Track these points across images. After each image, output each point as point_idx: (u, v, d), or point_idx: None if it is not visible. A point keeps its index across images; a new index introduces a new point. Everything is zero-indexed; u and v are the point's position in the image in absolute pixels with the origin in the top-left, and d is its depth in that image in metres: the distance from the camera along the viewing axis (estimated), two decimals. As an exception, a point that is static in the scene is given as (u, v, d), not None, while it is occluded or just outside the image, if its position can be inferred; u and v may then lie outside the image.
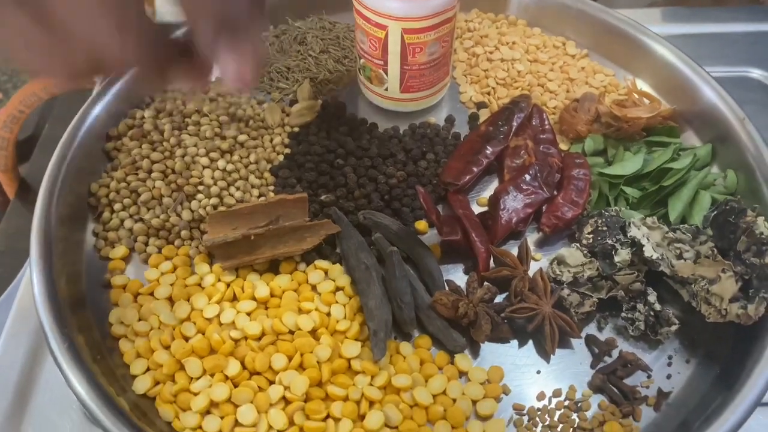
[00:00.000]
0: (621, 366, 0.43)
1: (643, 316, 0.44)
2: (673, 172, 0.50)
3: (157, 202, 0.50)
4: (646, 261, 0.44)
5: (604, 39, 0.63)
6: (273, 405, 0.40)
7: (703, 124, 0.56)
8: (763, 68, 0.69)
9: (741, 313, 0.41)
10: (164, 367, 0.41)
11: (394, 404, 0.40)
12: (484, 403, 0.41)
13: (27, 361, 0.49)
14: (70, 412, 0.46)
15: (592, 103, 0.56)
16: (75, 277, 0.47)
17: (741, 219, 0.44)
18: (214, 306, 0.44)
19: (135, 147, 0.52)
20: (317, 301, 0.45)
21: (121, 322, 0.44)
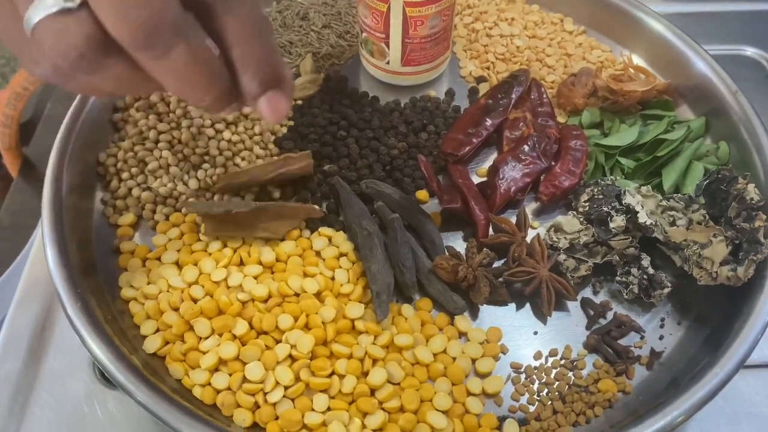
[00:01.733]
0: (615, 327, 0.44)
1: (637, 279, 0.45)
2: (667, 143, 0.52)
3: (164, 171, 0.51)
4: (640, 227, 0.46)
5: (601, 16, 0.64)
6: (280, 362, 0.41)
7: (697, 97, 0.57)
8: (756, 46, 0.70)
9: (731, 276, 0.43)
10: (173, 327, 0.43)
11: (396, 362, 0.42)
12: (483, 362, 0.43)
13: (37, 328, 0.50)
14: (80, 374, 0.48)
15: (589, 78, 0.57)
16: (85, 243, 0.48)
17: (732, 186, 0.46)
18: (221, 270, 0.45)
19: (142, 118, 0.53)
20: (321, 266, 0.46)
21: (131, 285, 0.46)
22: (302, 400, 0.40)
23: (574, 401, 0.41)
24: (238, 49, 0.30)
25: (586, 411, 0.41)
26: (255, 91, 0.32)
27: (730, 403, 0.47)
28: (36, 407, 0.47)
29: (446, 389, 0.41)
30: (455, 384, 0.41)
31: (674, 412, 0.37)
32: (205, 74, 0.30)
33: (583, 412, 0.41)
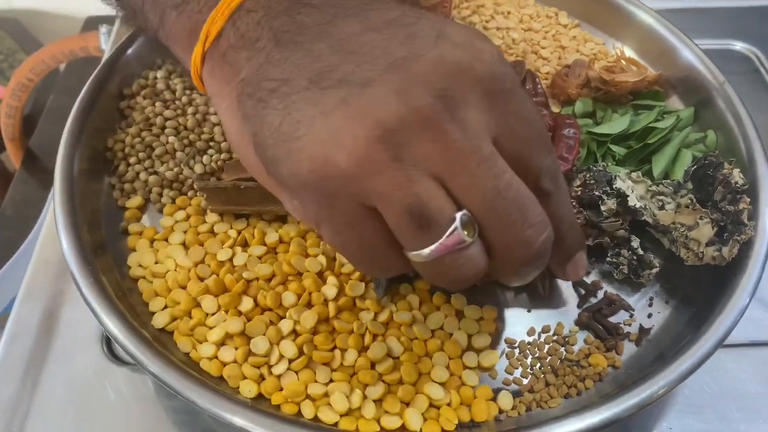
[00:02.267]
0: (606, 305, 0.46)
1: (627, 260, 0.47)
2: (657, 131, 0.54)
3: (170, 156, 0.52)
4: (630, 210, 0.48)
5: (595, 10, 0.66)
6: (284, 337, 0.43)
7: (686, 88, 0.59)
8: (745, 41, 0.73)
9: (716, 256, 0.45)
10: (181, 304, 0.44)
11: (395, 337, 0.43)
12: (479, 338, 0.44)
13: (47, 308, 0.52)
14: (90, 351, 0.50)
15: (583, 69, 0.59)
16: (95, 225, 0.49)
17: (719, 171, 0.48)
18: (227, 250, 0.47)
19: (148, 105, 0.55)
20: (323, 247, 0.48)
21: (140, 264, 0.47)
22: (305, 372, 0.42)
23: (566, 375, 0.43)
24: (566, 224, 0.32)
25: (577, 384, 0.43)
26: (567, 258, 0.35)
27: (717, 380, 0.49)
28: (47, 383, 0.48)
29: (443, 363, 0.43)
30: (452, 358, 0.43)
31: (659, 383, 0.39)
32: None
33: (574, 384, 0.43)
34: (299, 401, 0.41)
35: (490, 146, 0.28)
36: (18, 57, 1.36)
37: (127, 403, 0.48)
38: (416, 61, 0.27)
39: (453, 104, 0.27)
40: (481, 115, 0.28)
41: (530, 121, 0.29)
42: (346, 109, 0.27)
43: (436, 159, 0.27)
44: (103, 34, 0.76)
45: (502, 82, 0.28)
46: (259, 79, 0.29)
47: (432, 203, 0.27)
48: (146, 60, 0.59)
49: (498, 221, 0.28)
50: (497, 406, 0.42)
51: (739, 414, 0.46)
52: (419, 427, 0.40)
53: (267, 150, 0.29)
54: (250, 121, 0.30)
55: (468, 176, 0.27)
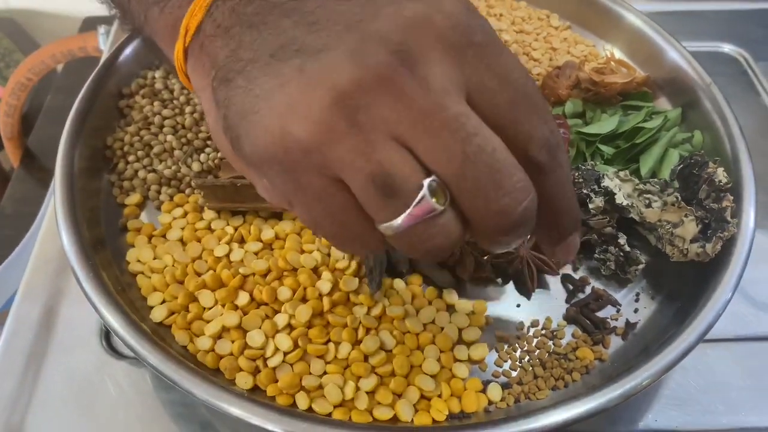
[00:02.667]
0: (593, 300, 0.47)
1: (614, 256, 0.48)
2: (644, 131, 0.55)
3: (168, 154, 0.53)
4: (617, 208, 0.49)
5: (586, 12, 0.67)
6: (279, 330, 0.44)
7: (674, 90, 0.60)
8: (733, 43, 0.74)
9: (700, 252, 0.46)
10: (179, 298, 0.45)
11: (388, 331, 0.44)
12: (469, 331, 0.45)
13: (47, 303, 0.53)
14: (89, 345, 0.51)
15: (573, 71, 0.60)
16: (94, 221, 0.50)
17: (703, 170, 0.49)
18: (223, 246, 0.48)
19: (147, 104, 0.56)
20: (318, 243, 0.49)
21: (138, 260, 0.48)
22: (300, 364, 0.43)
23: (554, 367, 0.44)
24: (556, 201, 0.29)
25: (564, 376, 0.44)
26: (563, 237, 0.32)
27: (701, 374, 0.50)
28: (47, 377, 0.49)
29: (434, 356, 0.44)
30: (443, 351, 0.44)
31: (643, 374, 0.40)
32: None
33: (562, 377, 0.44)
34: (294, 393, 0.42)
35: (459, 105, 0.26)
36: (15, 57, 1.36)
37: (126, 396, 0.49)
38: (372, 20, 0.26)
39: (412, 60, 0.25)
40: (448, 71, 0.26)
41: (512, 80, 0.27)
42: (301, 78, 0.26)
43: (398, 121, 0.25)
44: (101, 34, 0.77)
45: (469, 35, 0.26)
46: (230, 62, 0.28)
47: (396, 170, 0.25)
48: (144, 60, 0.60)
49: (468, 188, 0.26)
50: (487, 398, 0.43)
51: (722, 407, 0.48)
52: (411, 417, 0.41)
53: (231, 130, 0.28)
54: (220, 105, 0.29)
55: (432, 138, 0.25)
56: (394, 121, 0.25)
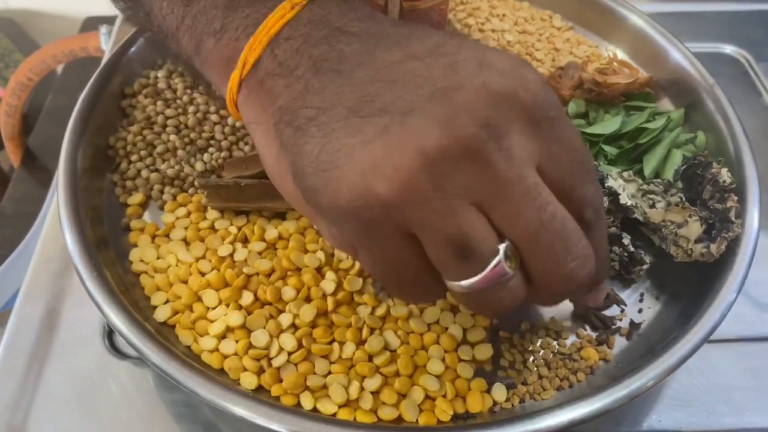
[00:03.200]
0: (597, 300, 0.47)
1: (618, 257, 0.48)
2: (648, 132, 0.55)
3: (171, 154, 0.53)
4: (621, 208, 0.49)
5: (588, 13, 0.67)
6: (283, 330, 0.44)
7: (676, 90, 0.60)
8: (735, 44, 0.74)
9: (704, 252, 0.46)
10: (183, 298, 0.45)
11: (392, 331, 0.44)
12: (474, 331, 0.45)
13: (49, 303, 0.53)
14: (92, 345, 0.51)
15: (576, 71, 0.60)
16: (97, 221, 0.50)
17: (707, 171, 0.49)
18: (227, 246, 0.48)
19: (150, 104, 0.56)
20: (321, 243, 0.49)
21: (141, 260, 0.48)
22: (305, 364, 0.43)
23: (558, 368, 0.44)
24: (600, 254, 0.31)
25: (569, 377, 0.44)
26: (597, 283, 0.35)
27: (705, 374, 0.50)
28: (50, 376, 0.49)
29: (439, 356, 0.44)
30: (447, 351, 0.44)
31: (648, 375, 0.40)
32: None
33: (567, 377, 0.44)
34: (298, 393, 0.42)
35: (535, 176, 0.28)
36: (14, 57, 1.36)
37: (129, 396, 0.48)
38: (459, 89, 0.27)
39: (497, 134, 0.27)
40: (526, 144, 0.27)
41: (575, 150, 0.29)
42: (388, 139, 0.27)
43: (480, 189, 0.27)
44: (103, 34, 0.77)
45: (547, 110, 0.28)
46: (298, 106, 0.29)
47: (474, 234, 0.27)
48: (147, 60, 0.60)
49: (541, 253, 0.28)
50: (491, 398, 0.43)
51: (726, 407, 0.48)
52: (415, 418, 0.41)
53: (306, 179, 0.28)
54: (288, 149, 0.29)
55: (512, 206, 0.27)
56: (477, 188, 0.27)
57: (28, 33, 1.39)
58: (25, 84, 0.85)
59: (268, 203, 0.50)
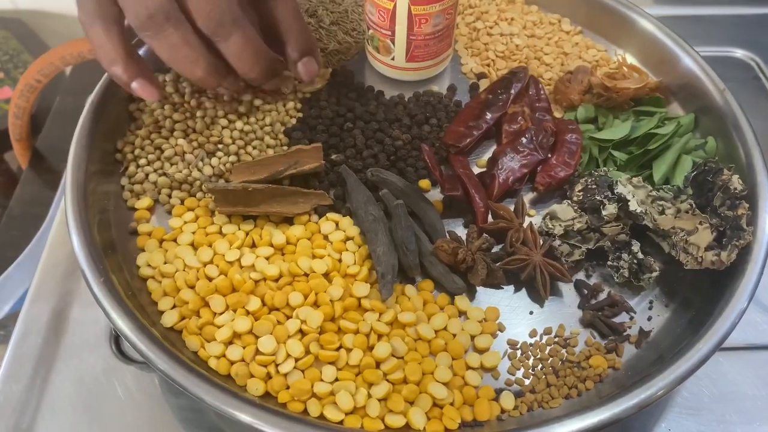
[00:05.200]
0: (608, 306, 0.47)
1: (627, 263, 0.48)
2: (657, 137, 0.54)
3: (179, 158, 0.53)
4: (630, 215, 0.49)
5: (597, 17, 0.66)
6: (291, 336, 0.44)
7: (686, 95, 0.60)
8: (745, 48, 0.73)
9: (715, 260, 0.45)
10: (190, 303, 0.45)
11: (400, 338, 0.44)
12: (481, 338, 0.45)
13: (56, 307, 0.53)
14: (98, 350, 0.51)
15: (585, 75, 0.60)
16: (105, 225, 0.50)
17: (718, 177, 0.49)
18: (234, 251, 0.48)
19: (158, 108, 0.56)
20: (329, 249, 0.49)
21: (149, 264, 0.48)
22: (312, 371, 0.42)
23: (567, 376, 0.44)
24: (284, 24, 0.47)
25: (577, 385, 0.43)
26: (295, 57, 0.51)
27: (715, 383, 0.49)
28: (56, 380, 0.49)
29: (447, 363, 0.44)
30: (455, 358, 0.44)
31: (658, 384, 0.40)
32: (256, 53, 0.47)
33: (575, 385, 0.43)
34: (305, 399, 0.41)
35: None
36: (23, 57, 1.36)
37: (135, 400, 0.48)
38: None
39: None
40: None
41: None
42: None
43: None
44: (111, 36, 0.77)
45: None
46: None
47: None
48: (155, 63, 0.60)
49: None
50: (499, 406, 0.42)
51: (736, 416, 0.47)
52: (423, 425, 0.41)
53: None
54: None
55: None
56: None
57: (37, 33, 1.39)
58: (34, 86, 0.85)
59: (276, 208, 0.50)
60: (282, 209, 0.50)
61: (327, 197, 0.51)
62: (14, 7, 1.46)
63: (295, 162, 0.51)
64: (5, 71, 1.39)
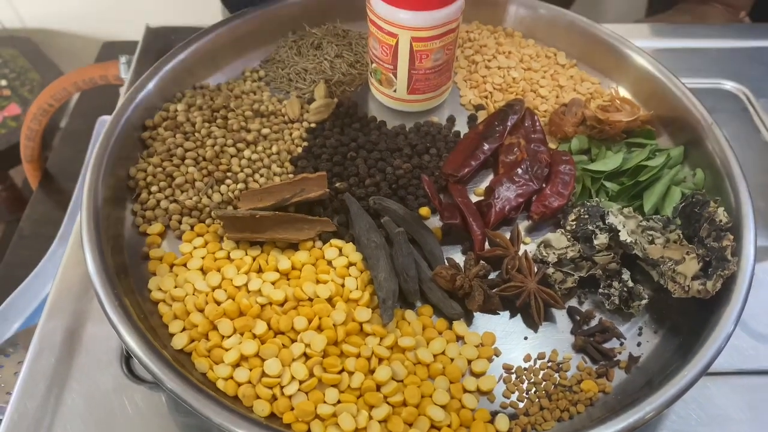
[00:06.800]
0: (599, 332, 0.49)
1: (618, 291, 0.50)
2: (648, 169, 0.57)
3: (190, 185, 0.56)
4: (621, 244, 0.51)
5: (592, 51, 0.69)
6: (295, 359, 0.46)
7: (676, 128, 0.62)
8: (734, 80, 0.76)
9: (701, 289, 0.48)
10: (199, 326, 0.47)
11: (400, 361, 0.46)
12: (478, 363, 0.47)
13: (69, 328, 0.55)
14: (110, 369, 0.52)
15: (579, 108, 0.62)
16: (118, 249, 0.52)
17: (705, 209, 0.51)
18: (242, 276, 0.50)
19: (169, 136, 0.58)
20: (333, 274, 0.51)
21: (159, 288, 0.50)
22: (315, 393, 0.44)
23: (559, 399, 0.46)
24: None
25: (569, 408, 0.45)
26: None
27: (702, 406, 0.51)
28: (69, 399, 0.51)
29: (444, 386, 0.46)
30: (453, 382, 0.46)
31: (646, 408, 0.42)
32: None
33: (567, 408, 0.45)
34: (309, 420, 0.43)
35: None
36: (30, 76, 1.39)
37: (144, 418, 0.50)
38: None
39: None
40: None
41: None
42: None
43: None
44: (122, 63, 0.80)
45: None
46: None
47: None
48: (167, 92, 0.63)
49: None
50: (495, 428, 0.44)
51: (723, 439, 0.49)
52: (421, 446, 0.43)
53: None
54: None
55: None
56: None
57: (45, 52, 1.42)
58: (46, 110, 0.88)
59: (282, 234, 0.52)
60: (288, 235, 0.52)
61: (331, 224, 0.53)
62: (23, 26, 1.49)
63: (300, 190, 0.54)
64: (12, 89, 1.42)
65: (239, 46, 0.68)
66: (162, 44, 0.82)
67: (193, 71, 0.65)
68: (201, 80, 0.66)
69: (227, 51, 0.68)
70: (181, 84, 0.64)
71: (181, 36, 0.68)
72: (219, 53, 0.67)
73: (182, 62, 0.63)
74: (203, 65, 0.66)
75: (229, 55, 0.68)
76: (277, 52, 0.69)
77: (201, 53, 0.65)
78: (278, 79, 0.66)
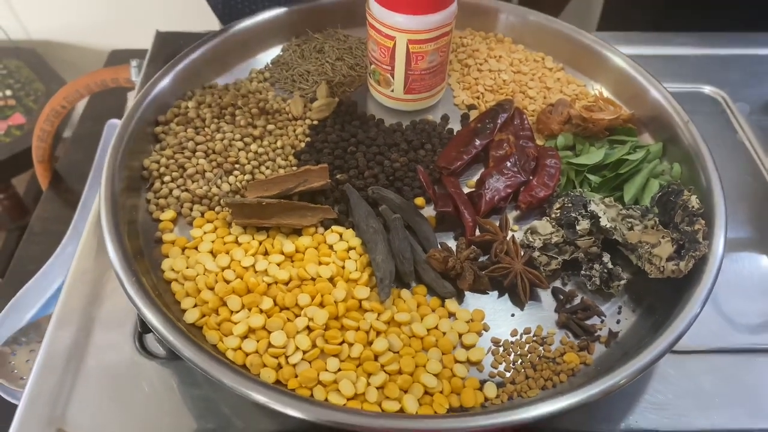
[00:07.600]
0: (581, 309, 0.53)
1: (599, 273, 0.54)
2: (628, 163, 0.61)
3: (200, 175, 0.59)
4: (602, 230, 0.55)
5: (578, 55, 0.74)
6: (299, 332, 0.49)
7: (656, 126, 0.66)
8: (713, 85, 0.81)
9: (675, 269, 0.52)
10: (210, 302, 0.51)
11: (396, 334, 0.50)
12: (468, 336, 0.51)
13: (85, 309, 0.58)
14: (124, 347, 0.56)
15: (565, 108, 0.67)
16: (133, 234, 0.56)
17: (679, 197, 0.55)
18: (249, 257, 0.54)
19: (181, 131, 0.62)
20: (334, 257, 0.54)
21: (172, 269, 0.54)
22: (317, 362, 0.48)
23: (543, 370, 0.49)
24: None
25: (552, 377, 0.49)
26: None
27: (679, 381, 0.55)
28: (86, 374, 0.54)
29: (437, 357, 0.49)
30: (444, 353, 0.50)
31: (620, 375, 0.45)
32: None
33: (551, 378, 0.49)
34: (312, 386, 0.47)
35: None
36: (34, 86, 1.43)
37: (156, 391, 0.54)
38: None
39: None
40: None
41: None
42: None
43: None
44: (133, 67, 0.84)
45: None
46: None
47: None
48: (178, 91, 0.67)
49: None
50: (483, 395, 0.48)
51: (696, 411, 0.52)
52: (415, 410, 0.46)
53: None
54: None
55: None
56: None
57: (49, 63, 1.47)
58: (59, 111, 0.92)
59: (286, 220, 0.56)
60: (292, 221, 0.56)
61: (332, 212, 0.57)
62: (28, 37, 1.54)
63: (303, 180, 0.58)
64: (17, 99, 1.46)
65: (246, 49, 0.73)
66: (171, 49, 0.86)
67: (203, 72, 0.69)
68: (210, 80, 0.70)
69: (235, 53, 0.72)
70: (192, 83, 0.68)
71: (189, 41, 0.73)
72: (227, 55, 0.71)
73: (193, 62, 0.68)
74: (212, 66, 0.70)
75: (237, 57, 0.72)
76: (282, 55, 0.73)
77: (210, 55, 0.69)
78: (283, 80, 0.70)
